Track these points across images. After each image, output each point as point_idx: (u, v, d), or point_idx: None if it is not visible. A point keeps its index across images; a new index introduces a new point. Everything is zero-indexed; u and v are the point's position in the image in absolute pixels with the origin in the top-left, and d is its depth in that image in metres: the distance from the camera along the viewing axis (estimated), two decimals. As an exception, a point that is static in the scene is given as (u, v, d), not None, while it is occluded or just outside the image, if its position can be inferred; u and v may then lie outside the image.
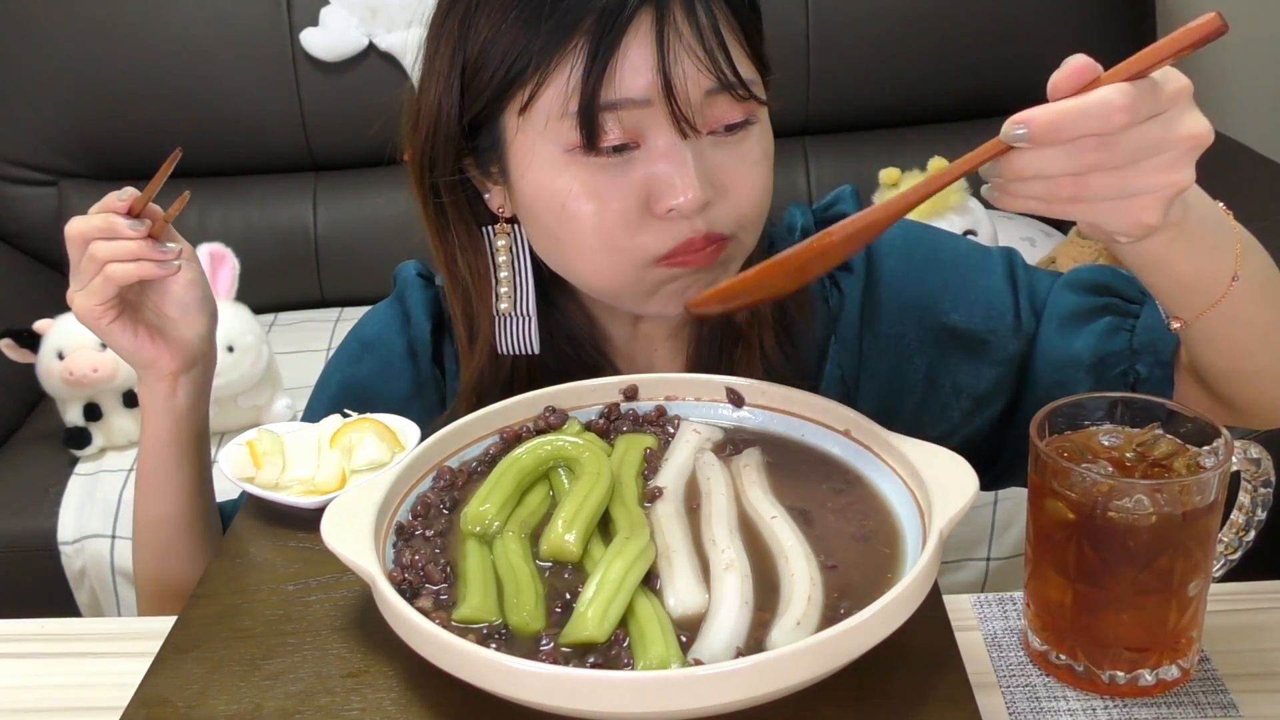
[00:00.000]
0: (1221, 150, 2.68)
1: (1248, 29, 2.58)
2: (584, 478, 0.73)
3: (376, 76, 2.30)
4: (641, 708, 0.58)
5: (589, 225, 0.84)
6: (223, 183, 2.36)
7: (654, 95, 0.80)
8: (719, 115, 0.83)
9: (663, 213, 0.82)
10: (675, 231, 0.84)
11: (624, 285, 0.87)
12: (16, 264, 2.37)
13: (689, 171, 0.81)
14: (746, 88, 0.83)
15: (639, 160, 0.83)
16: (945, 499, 0.68)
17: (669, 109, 0.80)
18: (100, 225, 0.91)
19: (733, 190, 0.85)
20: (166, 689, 0.67)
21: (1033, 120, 0.63)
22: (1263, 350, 0.83)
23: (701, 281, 0.86)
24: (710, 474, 0.76)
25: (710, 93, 0.82)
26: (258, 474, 0.85)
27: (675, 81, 0.80)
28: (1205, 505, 0.71)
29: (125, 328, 0.93)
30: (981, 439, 0.99)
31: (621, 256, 0.85)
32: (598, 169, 0.82)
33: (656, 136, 0.82)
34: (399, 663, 0.67)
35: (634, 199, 0.83)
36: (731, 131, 0.84)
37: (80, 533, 1.84)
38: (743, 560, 0.68)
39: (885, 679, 0.64)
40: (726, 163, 0.84)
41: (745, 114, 0.84)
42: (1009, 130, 0.64)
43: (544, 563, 0.70)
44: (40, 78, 2.32)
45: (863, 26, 2.32)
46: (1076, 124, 0.62)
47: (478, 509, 0.73)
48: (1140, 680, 0.75)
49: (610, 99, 0.80)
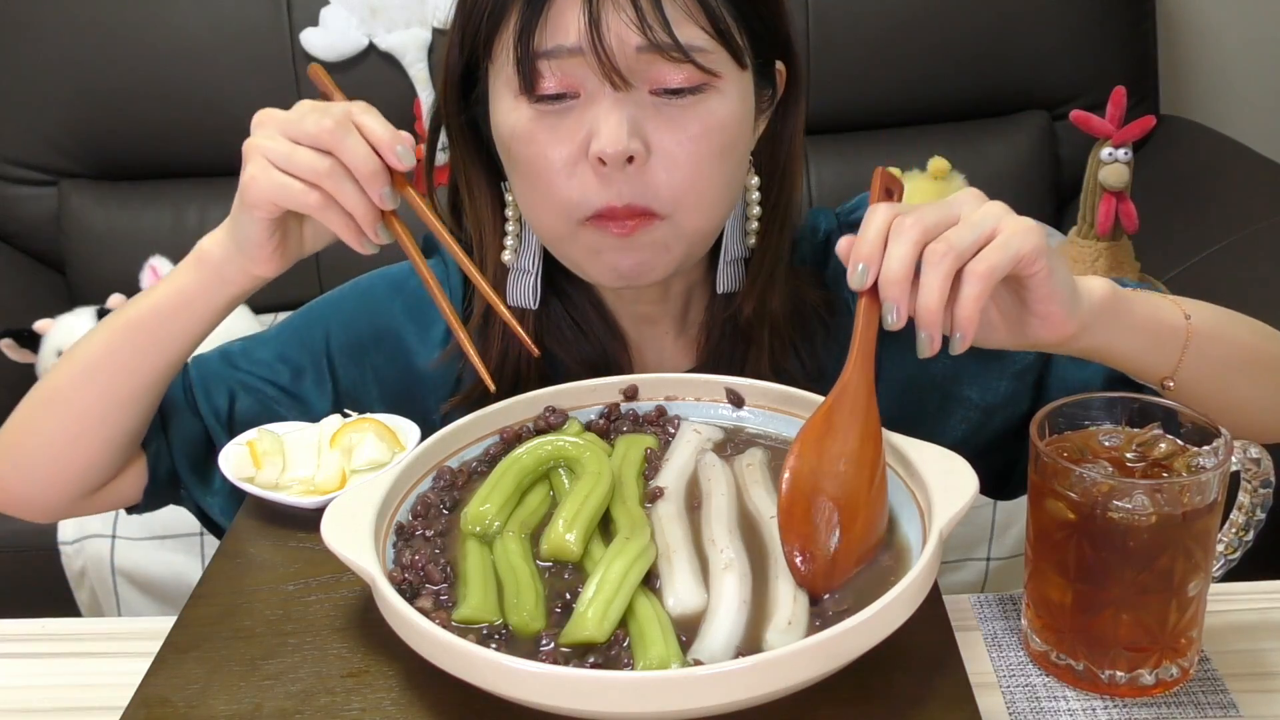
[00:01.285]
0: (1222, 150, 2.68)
1: (1248, 29, 2.58)
2: (584, 478, 0.73)
3: (376, 76, 2.30)
4: (641, 708, 0.58)
5: (529, 169, 0.87)
6: (223, 183, 2.36)
7: (585, 45, 0.82)
8: (658, 75, 0.84)
9: (593, 159, 0.84)
10: (602, 192, 0.84)
11: (561, 238, 0.89)
12: (16, 264, 2.37)
13: (614, 119, 0.83)
14: (682, 50, 0.83)
15: (576, 110, 0.85)
16: (945, 499, 0.68)
17: (596, 59, 0.82)
18: (383, 136, 0.81)
19: (665, 156, 0.84)
20: (166, 689, 0.67)
21: (853, 255, 0.72)
22: (1241, 382, 0.87)
23: (629, 257, 0.86)
24: (712, 474, 0.76)
25: (641, 50, 0.83)
26: (258, 474, 0.85)
27: (604, 33, 0.82)
28: (1205, 505, 0.71)
29: (274, 223, 0.86)
30: (994, 451, 0.99)
31: (557, 205, 0.86)
32: (540, 115, 0.85)
33: (592, 87, 0.84)
34: (399, 663, 0.67)
35: (570, 146, 0.84)
36: (676, 96, 0.84)
37: (80, 533, 1.84)
38: (742, 560, 0.68)
39: (885, 679, 0.64)
40: (665, 126, 0.84)
41: (687, 81, 0.84)
42: (854, 278, 0.72)
43: (544, 563, 0.70)
44: (40, 78, 2.32)
45: (863, 26, 2.32)
46: (876, 227, 0.72)
47: (478, 509, 0.73)
48: (1140, 680, 0.75)
49: (544, 47, 0.83)
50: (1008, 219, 0.72)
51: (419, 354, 1.00)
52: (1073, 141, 2.31)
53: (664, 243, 0.87)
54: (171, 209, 2.34)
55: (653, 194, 0.84)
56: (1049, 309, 0.75)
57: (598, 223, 0.85)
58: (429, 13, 2.29)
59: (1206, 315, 0.85)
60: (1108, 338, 0.80)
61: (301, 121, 0.83)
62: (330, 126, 0.81)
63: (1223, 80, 2.61)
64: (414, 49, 2.30)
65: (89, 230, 2.34)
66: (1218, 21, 2.58)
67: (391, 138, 0.81)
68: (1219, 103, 2.60)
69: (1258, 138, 2.31)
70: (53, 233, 2.37)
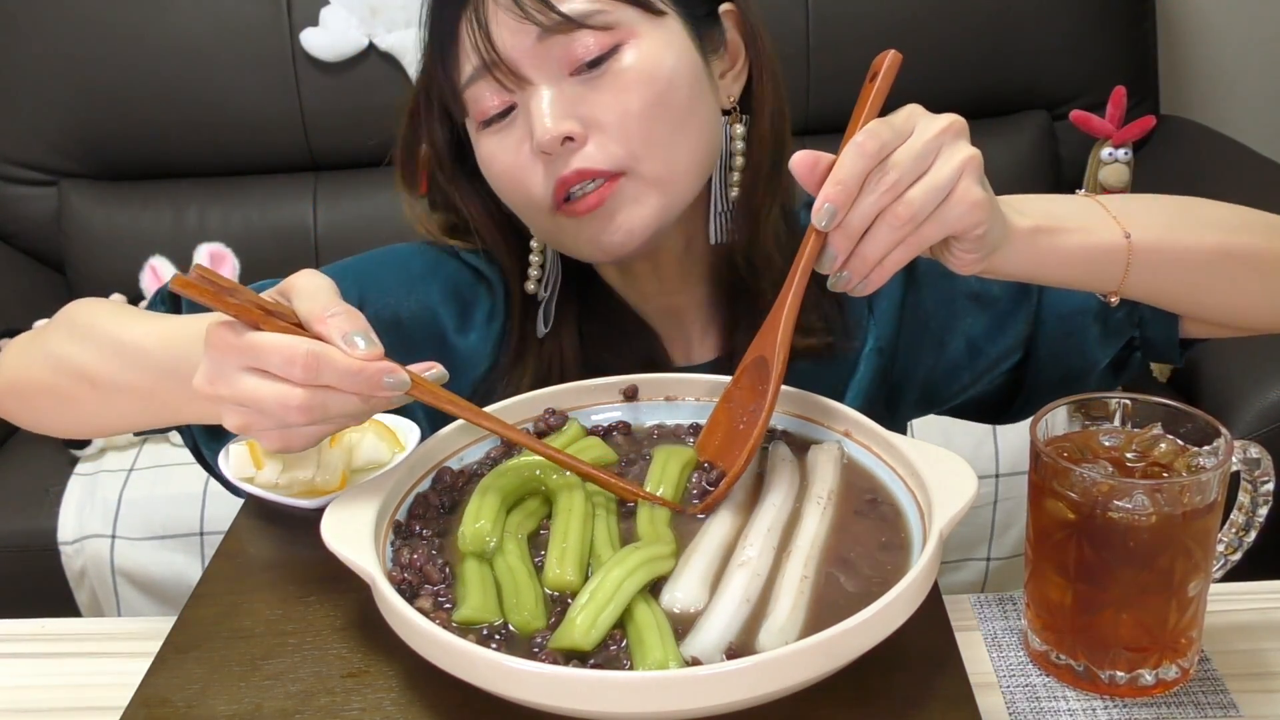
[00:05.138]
0: (1222, 150, 2.68)
1: (1248, 29, 2.58)
2: (558, 515, 0.72)
3: (376, 76, 2.30)
4: (641, 708, 0.57)
5: (499, 185, 0.92)
6: (223, 183, 2.36)
7: (487, 59, 0.86)
8: (568, 55, 0.86)
9: (540, 155, 0.87)
10: (552, 172, 0.87)
11: (548, 233, 0.93)
12: (16, 264, 2.37)
13: (540, 111, 0.86)
14: (569, 19, 0.85)
15: (519, 117, 0.89)
16: (945, 499, 0.68)
17: (493, 72, 0.86)
18: (346, 369, 0.67)
19: (608, 123, 0.86)
20: (166, 689, 0.67)
21: (825, 194, 0.70)
22: (1214, 284, 0.87)
23: (607, 227, 0.88)
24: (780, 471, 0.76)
25: (541, 38, 0.85)
26: (258, 474, 0.85)
27: (495, 40, 0.86)
28: (1205, 505, 0.71)
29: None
30: (995, 390, 1.02)
31: (531, 205, 0.90)
32: (493, 135, 0.90)
33: (520, 92, 0.88)
34: (399, 663, 0.67)
35: (519, 152, 0.89)
36: (595, 67, 0.86)
37: (80, 533, 1.84)
38: (763, 559, 0.68)
39: (885, 679, 0.64)
40: (598, 98, 0.86)
41: (598, 46, 0.86)
42: (820, 216, 0.70)
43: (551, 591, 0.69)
44: (40, 78, 2.32)
45: (863, 26, 2.32)
46: (852, 169, 0.69)
47: (473, 526, 0.70)
48: (1140, 680, 0.75)
49: (461, 80, 0.89)
50: (966, 178, 0.72)
51: (453, 332, 1.00)
52: (1073, 141, 2.31)
53: (632, 196, 0.88)
54: (171, 209, 2.34)
55: (603, 156, 0.86)
56: (963, 256, 0.76)
57: (566, 208, 0.87)
58: (429, 13, 2.29)
59: (1157, 228, 0.84)
60: (1020, 271, 0.81)
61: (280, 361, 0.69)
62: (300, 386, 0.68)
63: (1223, 80, 2.61)
64: (414, 49, 2.28)
65: (89, 230, 2.34)
66: (1218, 21, 2.58)
67: (372, 374, 0.68)
68: (1219, 103, 2.60)
69: (1258, 138, 2.31)
70: (53, 233, 2.37)
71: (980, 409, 1.06)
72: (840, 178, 0.70)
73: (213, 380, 0.70)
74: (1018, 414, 1.04)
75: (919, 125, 0.72)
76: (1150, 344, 0.95)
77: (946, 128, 0.72)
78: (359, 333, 0.68)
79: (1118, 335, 0.94)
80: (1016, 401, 1.03)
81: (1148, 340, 0.94)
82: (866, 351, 1.00)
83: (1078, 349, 0.96)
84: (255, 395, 0.68)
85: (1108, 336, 0.95)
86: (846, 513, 0.73)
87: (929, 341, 1.01)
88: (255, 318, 0.68)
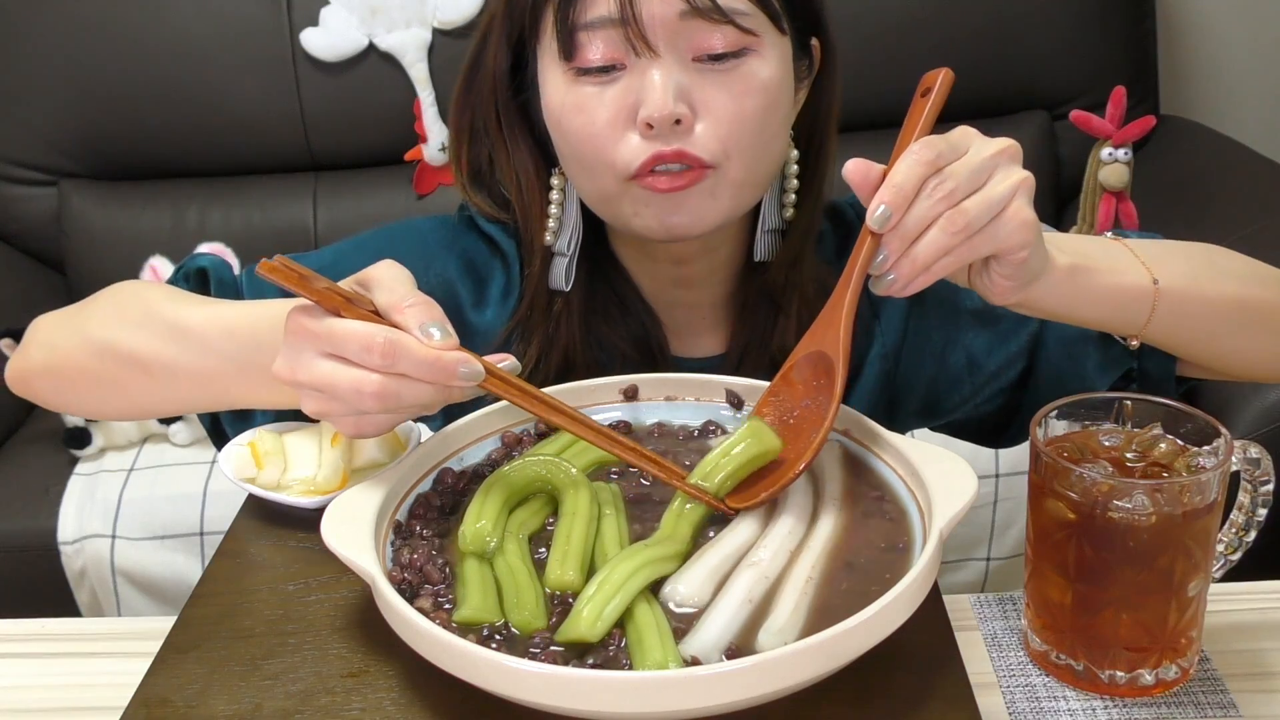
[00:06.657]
0: (1221, 150, 2.68)
1: (1248, 29, 2.58)
2: (563, 518, 0.72)
3: (376, 76, 2.30)
4: (641, 708, 0.58)
5: (578, 136, 0.89)
6: (223, 183, 2.36)
7: (624, 15, 0.85)
8: (699, 41, 0.86)
9: (641, 126, 0.86)
10: (650, 145, 0.87)
11: (609, 198, 0.90)
12: (16, 264, 2.37)
13: (660, 86, 0.85)
14: (722, 12, 0.85)
15: (623, 79, 0.87)
16: (945, 499, 0.68)
17: (626, 30, 0.85)
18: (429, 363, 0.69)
19: (710, 114, 0.87)
20: (166, 689, 0.67)
21: (880, 196, 0.71)
22: (1227, 334, 0.89)
23: (679, 211, 0.88)
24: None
25: (684, 15, 0.85)
26: (259, 474, 0.85)
27: (642, 8, 0.85)
28: (1205, 505, 0.71)
29: None
30: (994, 409, 1.03)
31: (606, 166, 0.88)
32: (587, 86, 0.88)
33: (636, 57, 0.86)
34: (399, 663, 0.67)
35: (616, 113, 0.87)
36: (719, 61, 0.87)
37: (80, 533, 1.84)
38: (775, 561, 0.68)
39: (885, 679, 0.64)
40: (712, 91, 0.87)
41: (728, 44, 0.86)
42: (875, 219, 0.72)
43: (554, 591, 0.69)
44: (40, 78, 2.32)
45: (863, 26, 2.32)
46: (909, 175, 0.71)
47: (474, 526, 0.70)
48: (1140, 680, 0.75)
49: (584, 20, 0.86)
50: (1020, 198, 0.73)
51: (470, 308, 1.00)
52: (1073, 141, 2.31)
53: (711, 190, 0.88)
54: (171, 209, 2.34)
55: (701, 145, 0.87)
56: (1002, 283, 0.77)
57: (645, 181, 0.87)
58: (429, 13, 2.29)
59: (1181, 276, 0.86)
60: (1055, 308, 0.82)
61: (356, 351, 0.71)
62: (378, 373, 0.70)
63: (1223, 80, 2.61)
64: (414, 49, 2.30)
65: (89, 230, 2.34)
66: (1218, 21, 2.58)
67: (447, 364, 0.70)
68: (1219, 103, 2.60)
69: (1258, 138, 2.31)
70: (53, 233, 2.37)
71: (979, 430, 1.07)
72: (897, 183, 0.71)
73: (291, 365, 0.72)
74: (1014, 438, 1.05)
75: (975, 144, 0.74)
76: (1147, 376, 0.96)
77: (1003, 150, 0.74)
78: (435, 323, 0.70)
79: (1117, 365, 0.95)
80: (1014, 425, 1.04)
81: (1145, 372, 0.95)
82: (872, 356, 1.02)
83: (1077, 374, 0.97)
84: (331, 380, 0.70)
85: (1107, 365, 0.95)
86: (856, 514, 0.73)
87: (931, 352, 1.02)
88: (336, 304, 0.71)
